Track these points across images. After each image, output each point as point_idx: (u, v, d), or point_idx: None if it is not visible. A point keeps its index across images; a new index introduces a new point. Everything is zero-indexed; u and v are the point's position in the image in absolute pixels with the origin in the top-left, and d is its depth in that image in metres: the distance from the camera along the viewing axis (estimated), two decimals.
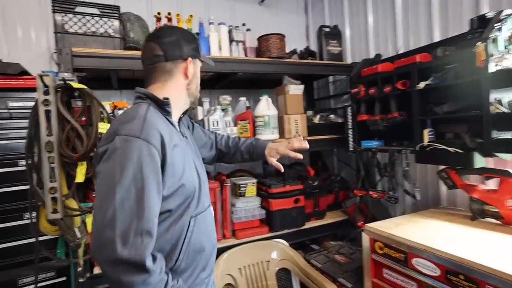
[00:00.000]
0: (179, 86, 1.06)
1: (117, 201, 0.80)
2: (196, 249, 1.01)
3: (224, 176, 1.98)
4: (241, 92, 2.47)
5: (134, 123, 0.88)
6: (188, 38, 1.08)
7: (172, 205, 0.94)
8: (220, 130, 1.91)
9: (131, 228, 0.79)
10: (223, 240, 1.91)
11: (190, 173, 1.00)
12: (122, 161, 0.83)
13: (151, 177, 0.84)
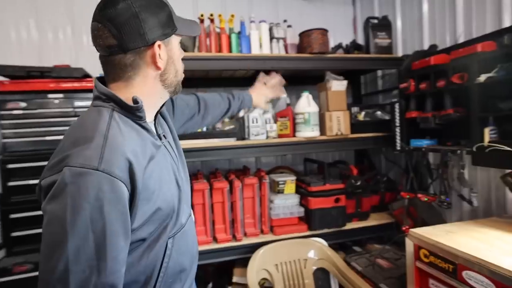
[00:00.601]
0: (150, 81, 0.80)
1: (70, 251, 0.62)
2: (176, 271, 0.85)
3: (263, 173, 1.98)
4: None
5: (90, 147, 0.66)
6: (151, 6, 0.74)
7: (146, 233, 0.77)
8: (259, 127, 1.91)
9: (90, 283, 0.63)
10: (260, 235, 1.91)
11: (168, 189, 0.82)
12: (75, 201, 0.63)
13: (115, 219, 0.66)
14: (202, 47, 1.96)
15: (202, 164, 2.37)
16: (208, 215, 1.81)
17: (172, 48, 0.82)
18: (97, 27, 0.72)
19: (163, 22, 0.77)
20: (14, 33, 2.13)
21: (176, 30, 0.80)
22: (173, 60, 0.83)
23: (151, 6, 0.74)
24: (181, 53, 0.87)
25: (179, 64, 0.86)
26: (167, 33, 0.78)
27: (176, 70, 0.84)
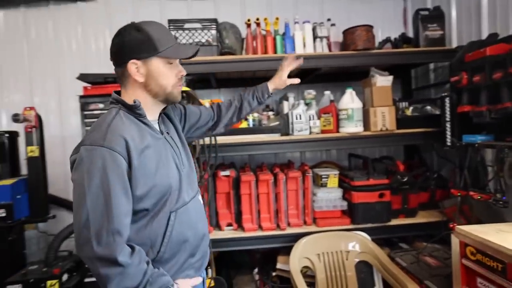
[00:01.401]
0: (136, 89, 1.00)
1: (89, 206, 0.87)
2: (179, 240, 1.04)
3: (306, 167, 2.05)
4: (327, 86, 2.45)
5: (98, 131, 0.92)
6: (131, 39, 0.97)
7: (148, 204, 0.98)
8: (302, 124, 1.98)
9: (103, 228, 0.87)
10: (304, 226, 1.98)
11: (165, 172, 1.01)
12: (88, 170, 0.88)
13: (117, 182, 0.89)
14: (249, 50, 2.09)
15: (249, 158, 2.51)
16: (254, 205, 1.94)
17: (152, 66, 0.98)
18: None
19: (142, 48, 0.97)
20: (94, 45, 2.50)
21: (157, 53, 0.97)
22: (153, 76, 0.99)
23: (133, 36, 0.97)
24: (169, 72, 1.01)
25: (164, 79, 1.00)
26: (145, 56, 0.97)
27: (160, 85, 1.00)
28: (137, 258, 0.92)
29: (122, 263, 0.87)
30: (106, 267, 0.87)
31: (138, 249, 0.94)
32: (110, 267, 0.87)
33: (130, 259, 0.89)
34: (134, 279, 0.90)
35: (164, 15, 2.48)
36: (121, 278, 0.89)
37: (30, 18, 2.47)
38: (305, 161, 2.38)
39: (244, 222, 1.96)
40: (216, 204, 1.99)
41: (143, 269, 0.92)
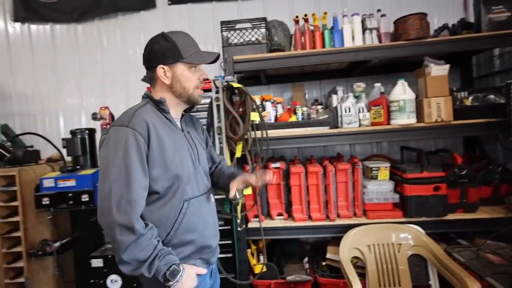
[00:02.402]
0: (163, 89, 1.17)
1: (112, 178, 1.01)
2: (189, 229, 1.14)
3: (356, 159, 2.08)
4: (377, 78, 2.44)
5: (126, 115, 1.09)
6: (159, 47, 1.13)
7: (160, 187, 1.09)
8: (351, 116, 2.02)
9: (123, 198, 0.99)
10: (353, 217, 2.03)
11: (180, 161, 1.13)
12: (114, 146, 1.03)
13: (136, 157, 1.02)
14: (298, 46, 2.18)
15: (299, 151, 2.61)
16: (304, 196, 2.04)
17: (177, 71, 1.15)
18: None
19: (168, 55, 1.13)
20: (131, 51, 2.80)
21: (182, 59, 1.14)
22: (179, 80, 1.15)
23: (161, 45, 1.14)
24: (192, 76, 1.17)
25: (188, 83, 1.17)
26: (171, 61, 1.13)
27: (183, 87, 1.16)
28: (150, 233, 1.03)
29: (137, 231, 0.98)
30: (123, 234, 0.98)
31: (151, 226, 1.05)
32: (126, 234, 0.98)
33: (144, 230, 1.01)
34: (145, 251, 1.00)
35: (216, 17, 2.68)
36: (134, 247, 0.98)
37: (102, 29, 2.85)
38: (355, 154, 2.41)
39: (294, 212, 2.07)
40: (267, 194, 2.12)
41: (154, 244, 1.02)
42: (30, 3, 2.85)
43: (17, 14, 2.89)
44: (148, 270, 1.01)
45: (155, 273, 1.01)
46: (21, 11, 2.88)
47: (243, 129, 1.90)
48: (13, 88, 2.96)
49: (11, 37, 2.96)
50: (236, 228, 2.01)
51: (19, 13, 2.89)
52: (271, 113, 2.18)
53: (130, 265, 1.00)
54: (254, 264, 2.04)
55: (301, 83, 2.55)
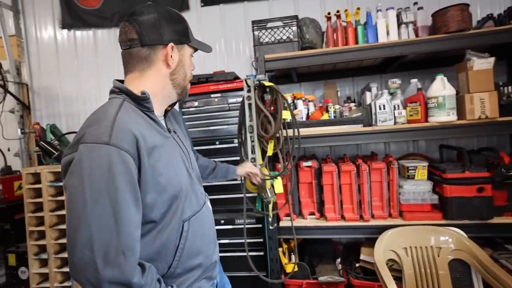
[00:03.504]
0: (161, 76, 0.93)
1: (91, 219, 0.72)
2: (193, 253, 0.94)
3: (391, 158, 2.03)
4: (414, 73, 2.36)
5: (101, 125, 0.77)
6: (171, 18, 0.92)
7: (157, 214, 0.86)
8: (386, 114, 1.98)
9: (112, 246, 0.72)
10: (388, 218, 1.99)
11: (175, 175, 0.90)
12: (90, 173, 0.73)
13: (126, 188, 0.75)
14: (330, 42, 2.17)
15: (331, 150, 2.59)
16: (336, 195, 2.03)
17: (184, 54, 0.96)
18: (124, 25, 0.91)
19: (179, 32, 0.94)
20: None
21: (190, 41, 0.97)
22: (183, 65, 0.96)
23: (172, 18, 0.93)
24: (191, 64, 1.01)
25: (188, 70, 1.00)
26: (182, 40, 0.94)
27: (185, 74, 0.98)
28: (150, 277, 0.79)
29: (136, 286, 0.74)
30: None
31: (148, 266, 0.82)
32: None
33: (143, 280, 0.77)
34: None
35: (248, 16, 2.74)
36: None
37: None
38: (390, 153, 2.35)
39: (326, 212, 2.06)
40: (298, 193, 2.13)
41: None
42: (76, 11, 3.08)
43: (64, 21, 3.15)
44: None
45: None
46: (68, 19, 3.13)
47: (275, 128, 1.93)
48: (60, 90, 3.22)
49: (59, 43, 3.23)
50: (268, 226, 2.04)
51: (66, 20, 3.14)
52: (302, 111, 2.19)
53: None
54: (286, 263, 2.06)
55: (333, 81, 2.53)
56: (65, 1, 3.12)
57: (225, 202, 2.30)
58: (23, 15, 3.32)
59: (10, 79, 3.19)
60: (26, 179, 2.59)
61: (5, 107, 3.17)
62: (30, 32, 3.31)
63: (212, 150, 2.31)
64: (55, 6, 3.20)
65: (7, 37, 3.20)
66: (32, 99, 3.29)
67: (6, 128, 3.22)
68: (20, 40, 3.31)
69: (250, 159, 1.95)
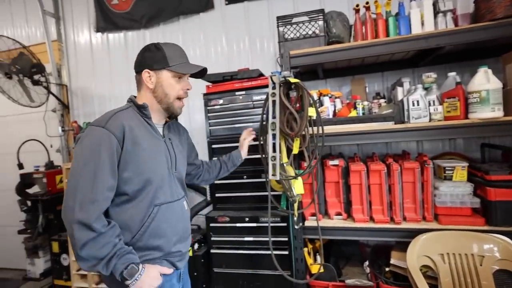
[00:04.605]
0: (147, 94, 1.18)
1: (79, 175, 0.98)
2: (156, 234, 1.09)
3: (426, 157, 1.79)
4: (452, 66, 2.08)
5: (105, 117, 1.07)
6: (150, 52, 1.16)
7: (129, 189, 1.05)
8: (420, 110, 1.74)
9: (86, 196, 0.96)
10: (422, 221, 1.75)
11: (154, 165, 1.10)
12: (87, 144, 1.01)
13: (106, 158, 0.99)
14: (358, 36, 1.95)
15: (358, 148, 2.37)
16: (365, 196, 1.82)
17: (162, 77, 1.16)
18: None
19: (156, 60, 1.15)
20: (213, 49, 2.79)
21: (167, 67, 1.15)
22: (162, 85, 1.16)
23: (149, 51, 1.17)
24: (175, 85, 1.19)
25: (170, 90, 1.18)
26: (157, 67, 1.15)
27: (164, 93, 1.17)
28: (111, 231, 1.00)
29: (96, 229, 0.95)
30: (81, 231, 0.95)
31: (113, 224, 1.02)
32: (84, 231, 0.95)
33: (103, 229, 0.97)
34: (103, 249, 0.97)
35: (272, 13, 2.56)
36: (92, 245, 0.95)
37: (166, 33, 2.92)
38: (423, 152, 2.09)
39: (354, 213, 1.86)
40: (324, 192, 1.95)
41: (113, 242, 0.99)
42: (108, 15, 3.05)
43: (98, 25, 3.13)
44: (106, 268, 0.98)
45: (113, 271, 0.99)
46: (101, 22, 3.11)
47: (300, 125, 1.75)
48: (95, 90, 3.22)
49: (93, 46, 3.22)
50: (293, 225, 1.88)
51: (100, 24, 3.12)
52: (329, 108, 1.99)
53: (87, 261, 0.98)
54: (311, 263, 1.89)
55: (361, 76, 2.29)
56: (99, 6, 3.10)
57: (250, 200, 2.16)
58: (63, 21, 3.35)
59: (52, 81, 3.24)
60: (66, 173, 2.61)
61: (48, 106, 3.21)
62: (69, 36, 3.33)
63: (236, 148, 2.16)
64: (90, 11, 3.20)
65: (50, 42, 3.25)
66: (71, 99, 3.32)
67: (49, 126, 3.28)
68: (60, 45, 3.35)
69: (270, 157, 1.79)
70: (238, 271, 2.07)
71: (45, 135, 3.25)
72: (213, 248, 2.11)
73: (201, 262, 2.17)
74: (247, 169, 2.13)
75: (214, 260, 2.11)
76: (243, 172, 2.14)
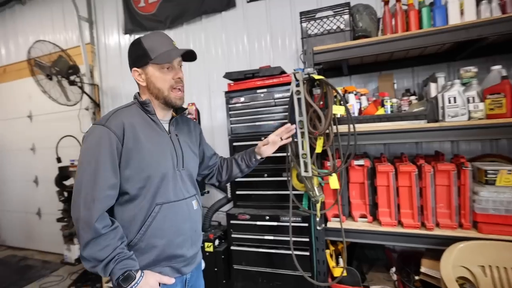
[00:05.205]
0: (145, 91, 1.09)
1: (84, 174, 0.93)
2: (157, 234, 1.00)
3: (463, 159, 1.54)
4: (494, 59, 1.79)
5: (108, 114, 1.01)
6: (132, 52, 1.07)
7: (130, 188, 0.98)
8: (458, 108, 1.49)
9: (89, 195, 0.91)
10: (458, 229, 1.51)
11: (156, 162, 1.01)
12: (89, 142, 0.96)
13: (107, 156, 0.93)
14: (387, 29, 1.72)
15: (385, 148, 2.13)
16: (393, 198, 1.61)
17: (149, 73, 1.05)
18: None
19: (139, 56, 1.05)
20: (234, 47, 2.63)
21: (148, 61, 1.04)
22: (152, 81, 1.06)
23: (133, 48, 1.07)
24: (166, 75, 1.06)
25: (160, 84, 1.06)
26: (140, 65, 1.06)
27: (158, 88, 1.06)
28: (113, 233, 0.93)
29: (96, 230, 0.89)
30: (84, 230, 0.90)
31: (116, 226, 0.95)
32: (87, 230, 0.89)
33: (105, 230, 0.91)
34: (103, 251, 0.90)
35: (294, 9, 2.36)
36: (93, 245, 0.90)
37: (189, 33, 2.81)
38: (459, 153, 1.83)
39: (380, 216, 1.66)
40: (348, 193, 1.75)
41: (114, 245, 0.92)
42: (135, 17, 2.99)
43: (126, 27, 3.08)
44: (104, 271, 0.92)
45: (110, 276, 0.92)
46: (129, 25, 3.05)
47: (324, 124, 1.57)
48: (123, 89, 3.19)
49: (122, 47, 3.18)
50: (314, 226, 1.70)
51: (128, 26, 3.06)
52: (354, 106, 1.78)
53: (89, 262, 0.91)
54: (333, 266, 1.71)
55: (390, 72, 2.05)
56: (127, 10, 3.04)
57: (271, 198, 2.00)
58: (96, 25, 3.34)
59: (85, 81, 3.25)
60: None
61: (82, 105, 3.22)
62: (100, 39, 3.32)
63: None
64: (119, 15, 3.15)
65: (84, 45, 3.26)
66: (102, 98, 3.32)
67: (83, 123, 3.30)
68: (93, 47, 3.35)
69: (301, 155, 1.62)
70: (258, 269, 1.93)
71: (80, 131, 3.28)
72: (233, 245, 1.99)
73: (221, 258, 2.05)
74: (268, 168, 1.97)
75: (234, 257, 1.99)
76: (264, 171, 1.98)
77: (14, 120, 4.00)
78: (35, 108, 3.83)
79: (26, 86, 3.71)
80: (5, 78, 4.01)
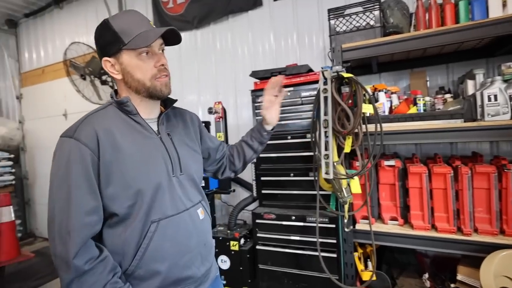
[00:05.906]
0: (122, 86, 0.89)
1: (55, 201, 0.76)
2: (157, 257, 0.82)
3: (505, 161, 1.47)
4: None
5: (76, 123, 0.82)
6: (101, 35, 0.85)
7: (119, 208, 0.80)
8: (499, 106, 1.42)
9: (63, 226, 0.74)
10: (500, 235, 1.44)
11: (147, 172, 0.83)
12: (57, 160, 0.79)
13: (79, 176, 0.76)
14: (420, 25, 1.68)
15: (416, 148, 2.07)
16: (426, 201, 1.56)
17: (124, 61, 0.85)
18: None
19: (108, 44, 0.84)
20: (261, 46, 2.67)
21: (121, 47, 0.83)
22: (128, 72, 0.85)
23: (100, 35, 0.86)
24: (145, 62, 0.85)
25: (140, 73, 0.85)
26: (112, 53, 0.85)
27: (137, 80, 0.85)
28: (101, 266, 0.76)
29: (76, 268, 0.72)
30: (61, 269, 0.74)
31: (105, 256, 0.78)
32: (65, 270, 0.73)
33: (88, 265, 0.73)
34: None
35: (322, 6, 2.35)
36: (78, 285, 0.73)
37: (216, 33, 2.88)
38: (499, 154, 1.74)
39: (412, 219, 1.61)
40: (378, 195, 1.72)
41: (104, 281, 0.75)
42: (164, 18, 3.11)
43: None
44: None
45: None
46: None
47: (353, 123, 1.56)
48: None
49: None
50: (342, 228, 1.69)
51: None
52: (384, 105, 1.75)
53: None
54: (362, 270, 1.69)
55: (422, 69, 1.99)
56: (157, 11, 3.17)
57: (297, 198, 2.01)
58: None
59: None
60: None
61: None
62: None
63: (284, 145, 2.03)
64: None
65: None
66: None
67: None
68: None
69: (323, 156, 1.62)
70: (283, 270, 1.95)
71: None
72: (259, 245, 2.02)
73: (246, 258, 2.09)
74: (295, 167, 1.98)
75: (260, 256, 2.02)
76: (290, 170, 1.99)
77: (51, 118, 4.29)
78: (69, 106, 4.08)
79: (62, 86, 3.96)
80: (43, 78, 4.32)
